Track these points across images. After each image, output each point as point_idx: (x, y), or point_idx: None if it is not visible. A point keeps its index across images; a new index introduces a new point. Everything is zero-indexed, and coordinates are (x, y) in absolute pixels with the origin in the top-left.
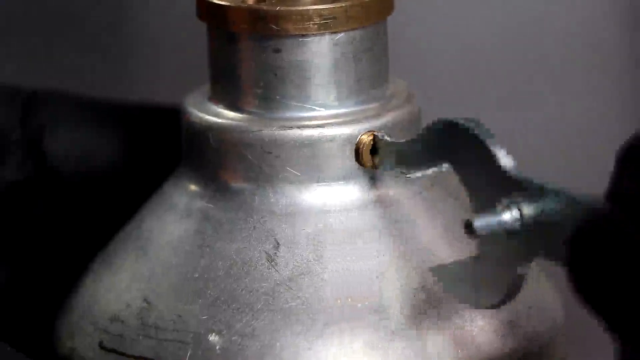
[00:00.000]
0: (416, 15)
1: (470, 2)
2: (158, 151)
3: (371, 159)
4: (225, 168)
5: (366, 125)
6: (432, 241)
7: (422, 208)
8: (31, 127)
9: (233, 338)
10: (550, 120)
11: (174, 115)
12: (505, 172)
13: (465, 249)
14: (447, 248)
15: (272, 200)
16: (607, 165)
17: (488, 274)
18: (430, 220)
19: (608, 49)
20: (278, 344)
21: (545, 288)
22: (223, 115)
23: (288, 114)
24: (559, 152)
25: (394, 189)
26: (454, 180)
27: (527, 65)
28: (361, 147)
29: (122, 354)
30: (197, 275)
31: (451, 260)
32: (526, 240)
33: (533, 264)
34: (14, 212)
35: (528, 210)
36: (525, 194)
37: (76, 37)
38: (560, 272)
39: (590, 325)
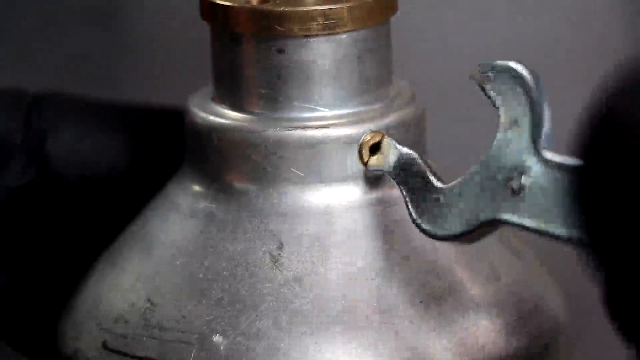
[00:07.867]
0: (419, 15)
1: (472, 2)
2: (161, 152)
3: (374, 159)
4: (228, 168)
5: (370, 126)
6: (435, 241)
7: None
8: (34, 131)
9: (237, 339)
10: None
11: (177, 116)
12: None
13: (467, 248)
14: (450, 248)
15: (275, 200)
16: None
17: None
18: None
19: (611, 49)
20: (282, 344)
21: (548, 287)
22: (226, 116)
23: (292, 115)
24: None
25: (398, 189)
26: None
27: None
28: (364, 147)
29: (126, 354)
30: (201, 276)
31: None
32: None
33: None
34: (17, 216)
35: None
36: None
37: (77, 38)
38: (562, 272)
39: (592, 325)
